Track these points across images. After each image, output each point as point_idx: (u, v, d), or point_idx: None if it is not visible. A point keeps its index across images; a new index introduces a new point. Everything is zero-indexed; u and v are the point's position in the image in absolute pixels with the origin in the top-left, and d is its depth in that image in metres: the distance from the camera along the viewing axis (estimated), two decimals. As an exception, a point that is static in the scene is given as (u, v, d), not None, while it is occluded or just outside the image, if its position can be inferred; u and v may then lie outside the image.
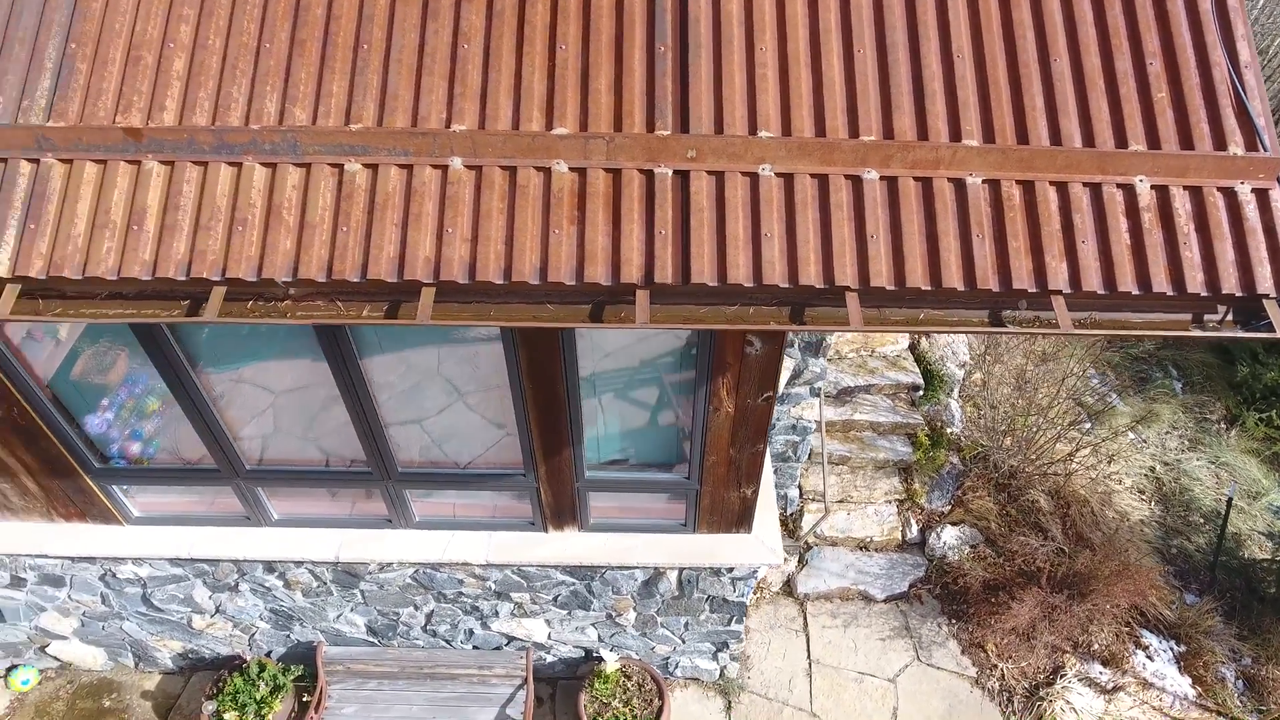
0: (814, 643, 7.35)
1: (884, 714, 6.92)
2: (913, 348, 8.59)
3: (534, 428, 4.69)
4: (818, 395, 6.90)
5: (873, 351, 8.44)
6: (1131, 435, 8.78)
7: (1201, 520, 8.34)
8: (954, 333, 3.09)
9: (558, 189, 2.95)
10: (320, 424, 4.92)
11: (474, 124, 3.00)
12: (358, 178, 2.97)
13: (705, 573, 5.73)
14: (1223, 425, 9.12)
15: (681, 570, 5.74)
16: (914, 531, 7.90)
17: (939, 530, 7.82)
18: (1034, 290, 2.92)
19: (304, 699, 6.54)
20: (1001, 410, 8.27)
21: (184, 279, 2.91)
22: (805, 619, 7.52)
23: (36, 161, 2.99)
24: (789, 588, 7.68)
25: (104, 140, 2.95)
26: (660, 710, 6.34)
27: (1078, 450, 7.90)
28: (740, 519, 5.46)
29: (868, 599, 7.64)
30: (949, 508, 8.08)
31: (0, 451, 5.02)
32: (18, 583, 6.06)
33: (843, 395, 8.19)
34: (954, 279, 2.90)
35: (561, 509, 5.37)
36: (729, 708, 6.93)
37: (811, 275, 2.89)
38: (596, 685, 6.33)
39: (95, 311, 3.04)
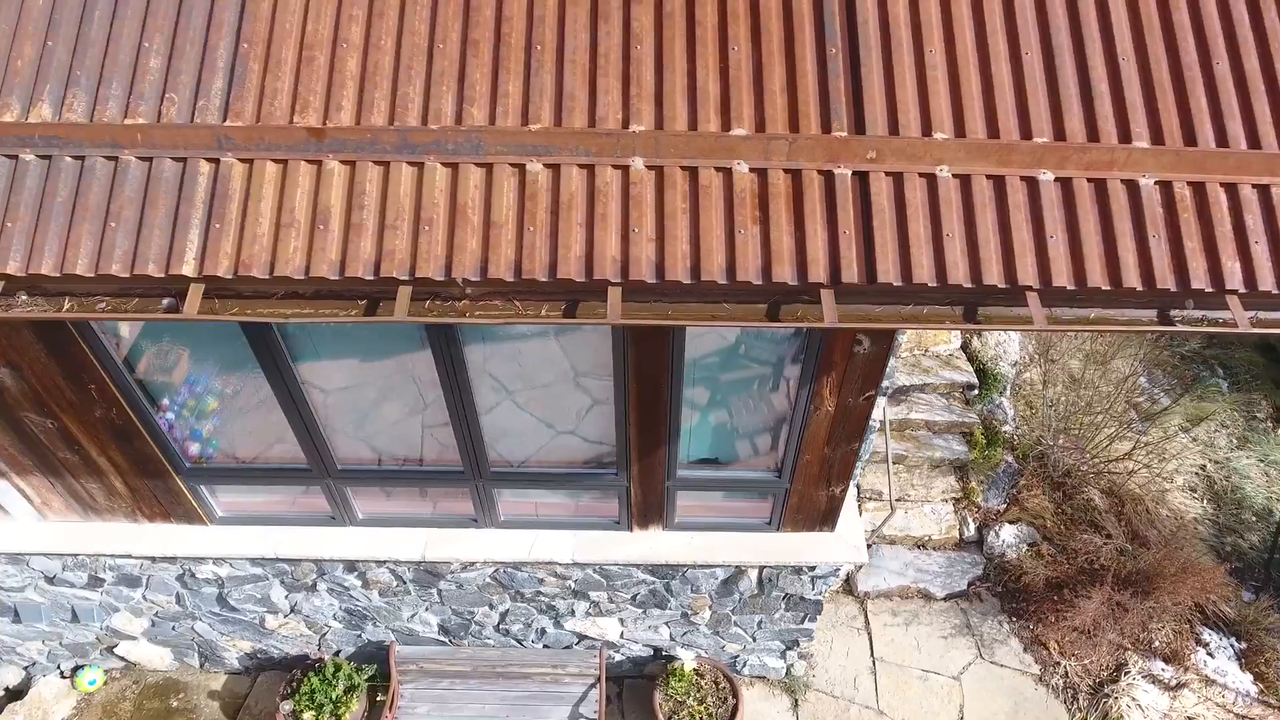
0: (876, 641, 7.37)
1: (950, 712, 6.95)
2: (964, 346, 8.63)
3: (632, 427, 4.71)
4: (884, 395, 6.92)
5: (926, 350, 8.47)
6: (1181, 434, 8.81)
7: (1254, 518, 8.38)
8: (1123, 332, 3.11)
9: (740, 189, 2.97)
10: (415, 424, 4.93)
11: (651, 125, 3.01)
12: (540, 178, 2.98)
13: (787, 571, 5.76)
14: (1270, 423, 9.16)
15: (763, 569, 5.76)
16: (971, 530, 7.93)
17: (997, 529, 7.85)
18: (1210, 290, 2.95)
19: (378, 698, 6.55)
20: (1058, 409, 8.30)
21: (371, 278, 2.92)
22: (866, 617, 7.54)
23: (216, 161, 3.00)
24: (849, 586, 7.70)
25: (287, 140, 2.96)
26: (735, 709, 6.36)
27: (1135, 449, 7.93)
28: (826, 517, 5.49)
29: (927, 597, 7.66)
30: (1005, 506, 8.11)
31: (93, 451, 5.03)
32: (95, 583, 6.07)
33: (898, 394, 8.22)
34: (1132, 279, 2.93)
35: (648, 508, 5.39)
36: (796, 706, 6.96)
37: (994, 275, 2.92)
38: (671, 684, 6.34)
39: (273, 311, 3.05)
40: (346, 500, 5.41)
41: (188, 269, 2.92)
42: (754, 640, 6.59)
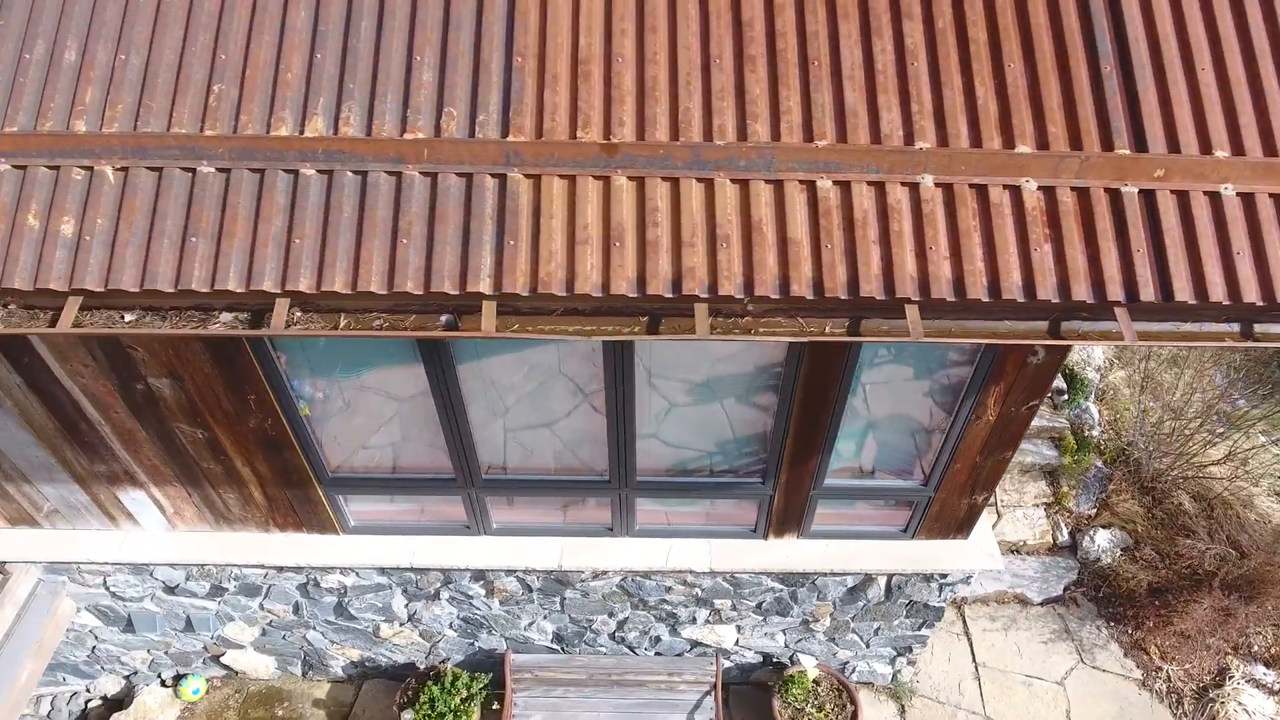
0: (977, 646, 7.38)
1: (1057, 716, 6.96)
2: (1049, 351, 8.63)
3: (789, 436, 4.69)
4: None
5: (1012, 355, 8.48)
6: (1263, 438, 8.84)
7: (1339, 523, 8.39)
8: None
9: (1030, 207, 2.97)
10: (565, 433, 4.91)
11: (934, 142, 3.00)
12: (830, 195, 2.97)
13: (916, 579, 5.75)
14: (1349, 428, 9.18)
15: (893, 576, 5.75)
16: (1064, 535, 7.94)
17: (1090, 533, 7.86)
18: None
19: (494, 706, 6.52)
20: (1147, 414, 8.31)
21: (671, 295, 2.90)
22: (965, 622, 7.54)
23: (501, 177, 2.97)
24: (945, 591, 7.69)
25: (577, 156, 2.93)
26: (854, 715, 6.36)
27: (1230, 455, 7.95)
28: (962, 525, 5.48)
29: (1024, 602, 7.67)
30: (1095, 511, 8.12)
31: (238, 461, 5.00)
32: (217, 592, 6.03)
33: (987, 399, 8.22)
34: None
35: (788, 517, 5.38)
36: (903, 711, 6.96)
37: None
38: (791, 691, 6.33)
39: (553, 327, 3.02)
40: (485, 509, 5.39)
41: (484, 286, 2.89)
42: (867, 646, 6.58)
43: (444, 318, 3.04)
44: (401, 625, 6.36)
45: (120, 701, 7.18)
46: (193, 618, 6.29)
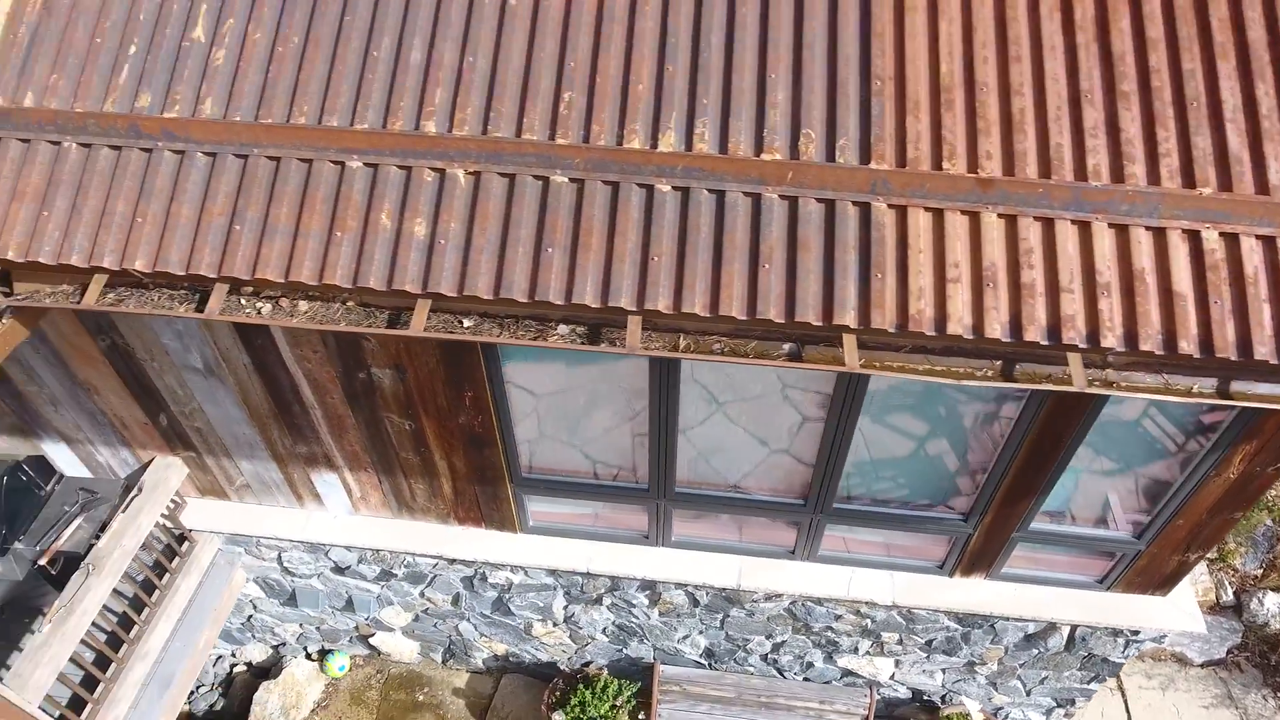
0: (1132, 703, 7.04)
1: (1221, 787, 6.60)
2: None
3: (1009, 478, 4.51)
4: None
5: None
6: None
7: None
8: None
9: None
10: (765, 455, 4.81)
11: None
12: (1216, 247, 2.81)
13: (1104, 632, 5.49)
14: None
15: (1078, 627, 5.50)
16: (1229, 594, 7.53)
17: (1259, 595, 7.43)
18: None
19: (640, 716, 6.48)
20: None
21: (1048, 344, 2.78)
22: (1119, 678, 7.21)
23: (864, 206, 2.88)
24: (1098, 642, 7.37)
25: (949, 189, 2.83)
26: (1014, 765, 6.12)
27: None
28: (1165, 582, 5.21)
29: (1183, 662, 7.30)
30: (1263, 571, 7.68)
31: (438, 454, 5.04)
32: (385, 577, 6.12)
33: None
34: None
35: (982, 557, 5.18)
36: (1053, 764, 6.68)
37: None
38: (949, 733, 6.13)
39: (903, 365, 2.93)
40: (669, 522, 5.33)
41: (848, 319, 2.81)
42: (1027, 695, 6.33)
43: (786, 346, 2.96)
44: (555, 626, 6.36)
45: (266, 670, 7.37)
46: (355, 598, 6.40)
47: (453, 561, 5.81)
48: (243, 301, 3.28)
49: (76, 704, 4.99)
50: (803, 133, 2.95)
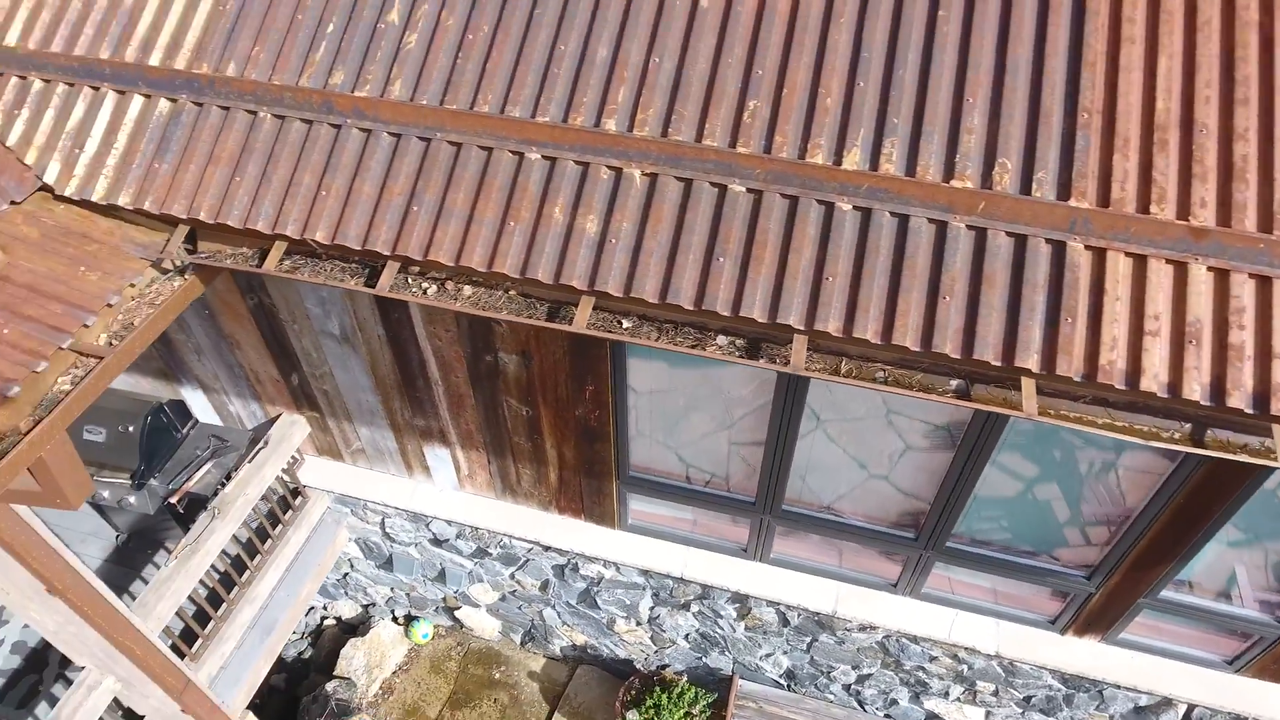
0: (1239, 793, 6.56)
1: None
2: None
3: (1145, 541, 4.23)
4: None
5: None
6: None
7: None
8: None
9: None
10: (886, 484, 4.66)
11: None
12: None
13: (1225, 717, 5.12)
14: None
15: (1196, 707, 5.14)
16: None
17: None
18: None
19: (714, 727, 6.42)
20: None
21: (1253, 412, 2.62)
22: (1226, 762, 6.72)
23: (1059, 245, 2.77)
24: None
25: (1156, 234, 2.69)
26: (1104, 840, 5.79)
27: None
28: (1305, 674, 4.82)
29: (1301, 756, 6.74)
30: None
31: (549, 442, 5.08)
32: (480, 555, 6.24)
33: None
34: None
35: (1100, 618, 4.91)
36: (1144, 844, 6.28)
37: None
38: (1038, 795, 5.84)
39: (1080, 417, 2.80)
40: (770, 538, 5.24)
41: (1030, 362, 2.70)
42: (1126, 767, 5.97)
43: (954, 383, 2.85)
44: (638, 625, 6.36)
45: (354, 627, 7.64)
46: (448, 571, 6.55)
47: (548, 549, 5.87)
48: (409, 281, 3.36)
49: (188, 637, 5.27)
50: (998, 162, 2.80)
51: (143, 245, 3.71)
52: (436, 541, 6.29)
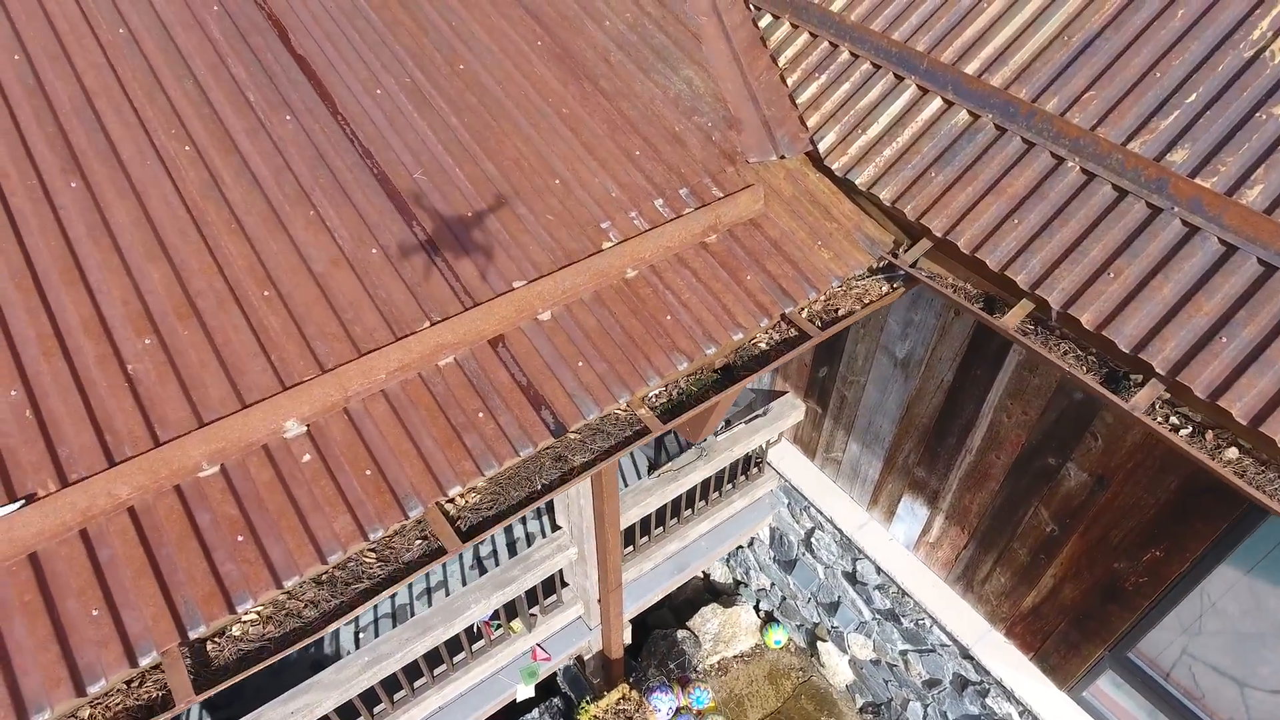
0: None
1: None
2: None
3: None
4: None
5: None
6: None
7: None
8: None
9: None
10: None
11: None
12: None
13: None
14: None
15: None
16: None
17: None
18: None
19: None
20: None
21: None
22: None
23: None
24: None
25: None
26: None
27: None
28: None
29: None
30: None
31: (1053, 569, 4.50)
32: (889, 616, 5.90)
33: None
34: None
35: None
36: None
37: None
38: None
39: None
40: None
41: None
42: None
43: None
44: (1012, 785, 5.59)
45: (717, 593, 7.87)
46: (842, 607, 6.35)
47: (968, 659, 5.34)
48: (1157, 406, 2.78)
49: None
50: None
51: (871, 240, 3.69)
52: (851, 577, 6.09)
